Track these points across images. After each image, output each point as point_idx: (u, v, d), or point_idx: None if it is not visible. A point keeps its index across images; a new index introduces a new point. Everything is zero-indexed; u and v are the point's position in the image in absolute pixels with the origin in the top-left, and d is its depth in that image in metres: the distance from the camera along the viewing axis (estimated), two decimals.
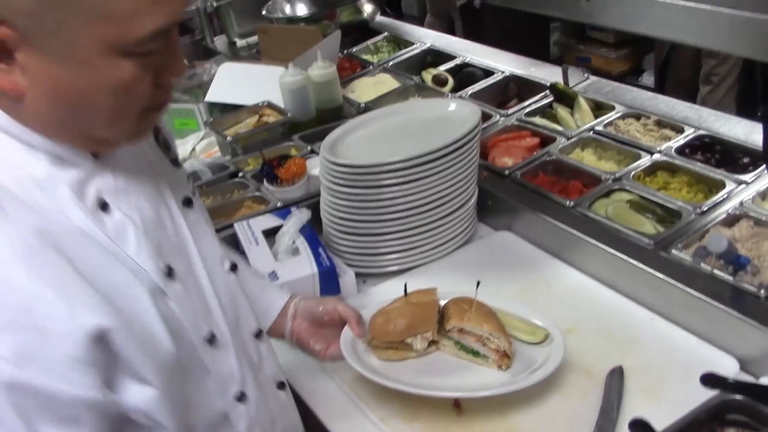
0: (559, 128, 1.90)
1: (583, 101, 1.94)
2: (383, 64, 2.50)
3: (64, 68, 0.74)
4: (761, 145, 1.51)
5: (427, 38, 2.66)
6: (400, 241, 1.56)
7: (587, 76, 2.10)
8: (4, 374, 0.71)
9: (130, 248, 0.84)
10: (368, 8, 2.89)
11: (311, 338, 1.32)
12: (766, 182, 1.50)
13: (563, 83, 2.03)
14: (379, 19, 2.92)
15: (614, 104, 1.92)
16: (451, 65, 2.37)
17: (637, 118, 1.85)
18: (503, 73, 2.23)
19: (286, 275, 1.46)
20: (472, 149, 1.56)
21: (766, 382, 1.16)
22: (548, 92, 2.04)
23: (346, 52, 2.64)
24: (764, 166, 1.52)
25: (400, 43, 2.69)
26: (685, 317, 1.31)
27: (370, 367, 1.27)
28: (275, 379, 1.11)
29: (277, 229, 1.59)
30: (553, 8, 1.38)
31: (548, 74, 2.14)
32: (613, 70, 4.52)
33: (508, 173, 1.72)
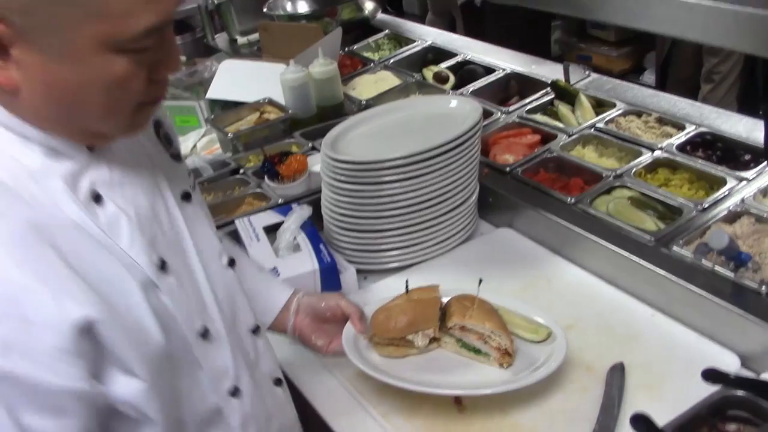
0: (560, 125, 1.90)
1: (584, 98, 1.93)
2: (384, 61, 2.50)
3: (58, 64, 0.74)
4: (762, 142, 1.51)
5: (428, 36, 2.66)
6: (401, 237, 1.56)
7: (588, 73, 2.10)
8: None
9: (123, 241, 0.84)
10: (369, 5, 2.89)
11: (313, 334, 1.32)
12: (767, 179, 1.50)
13: (564, 80, 2.03)
14: (380, 16, 2.92)
15: (615, 101, 1.91)
16: (452, 62, 2.37)
17: (638, 115, 1.85)
18: (504, 70, 2.23)
19: (287, 271, 1.46)
20: (473, 146, 1.56)
21: (767, 378, 1.16)
22: (549, 89, 2.03)
23: (347, 49, 2.64)
24: (766, 162, 1.52)
25: (401, 40, 2.69)
26: (686, 314, 1.31)
27: (371, 363, 1.27)
28: (272, 375, 1.11)
29: (278, 225, 1.59)
30: (554, 4, 1.38)
31: (549, 72, 2.14)
32: (614, 68, 4.52)
33: (509, 170, 1.72)
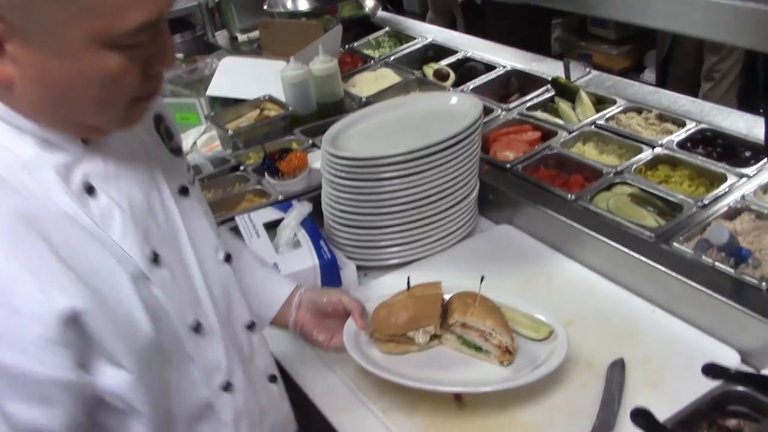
0: (560, 122, 1.90)
1: (584, 95, 1.93)
2: (385, 58, 2.50)
3: (51, 59, 0.75)
4: (763, 138, 1.51)
5: (428, 33, 2.66)
6: (401, 234, 1.55)
7: (589, 70, 2.10)
8: None
9: (115, 233, 0.85)
10: (370, 3, 2.89)
11: (315, 329, 1.32)
12: (767, 176, 1.50)
13: (565, 77, 2.03)
14: (380, 14, 2.92)
15: (616, 98, 1.91)
16: (452, 60, 2.37)
17: (638, 112, 1.85)
18: (505, 67, 2.23)
19: (287, 268, 1.46)
20: (473, 142, 1.56)
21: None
22: (550, 86, 2.03)
23: (347, 47, 2.64)
24: (766, 159, 1.52)
25: (401, 37, 2.69)
26: (686, 310, 1.31)
27: (371, 359, 1.26)
28: (267, 372, 1.11)
29: (278, 222, 1.59)
30: (555, 0, 1.38)
31: (550, 69, 2.14)
32: (614, 66, 4.51)
33: (509, 167, 1.72)
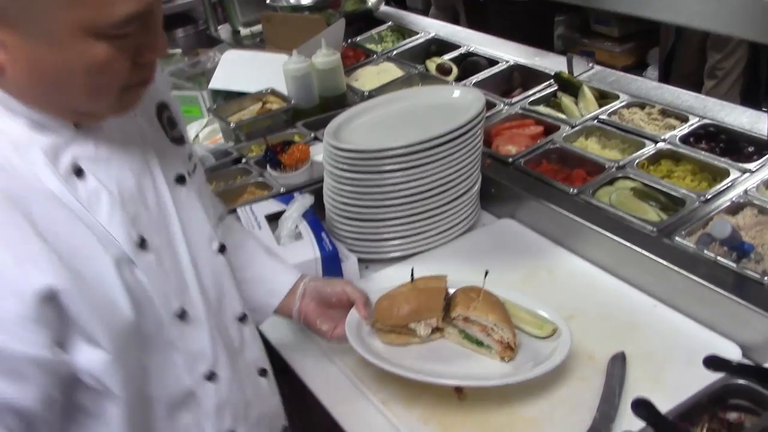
0: (563, 117, 1.89)
1: (587, 90, 1.93)
2: (387, 53, 2.49)
3: (40, 47, 0.76)
4: (766, 133, 1.50)
5: (431, 28, 2.65)
6: (402, 227, 1.55)
7: (592, 65, 2.10)
8: None
9: (101, 215, 0.85)
10: None
11: (318, 318, 1.31)
12: None
13: (568, 72, 2.02)
14: (383, 9, 2.91)
15: (619, 93, 1.91)
16: (455, 54, 2.37)
17: (641, 107, 1.85)
18: (507, 62, 2.22)
19: (288, 259, 1.45)
20: (475, 136, 1.56)
21: None
22: (553, 81, 2.03)
23: (350, 41, 2.63)
24: None
25: (404, 32, 2.68)
26: (687, 304, 1.30)
27: (372, 350, 1.26)
28: (257, 365, 1.11)
29: (280, 214, 1.59)
30: None
31: (553, 63, 2.13)
32: (617, 64, 4.49)
33: (511, 161, 1.72)
